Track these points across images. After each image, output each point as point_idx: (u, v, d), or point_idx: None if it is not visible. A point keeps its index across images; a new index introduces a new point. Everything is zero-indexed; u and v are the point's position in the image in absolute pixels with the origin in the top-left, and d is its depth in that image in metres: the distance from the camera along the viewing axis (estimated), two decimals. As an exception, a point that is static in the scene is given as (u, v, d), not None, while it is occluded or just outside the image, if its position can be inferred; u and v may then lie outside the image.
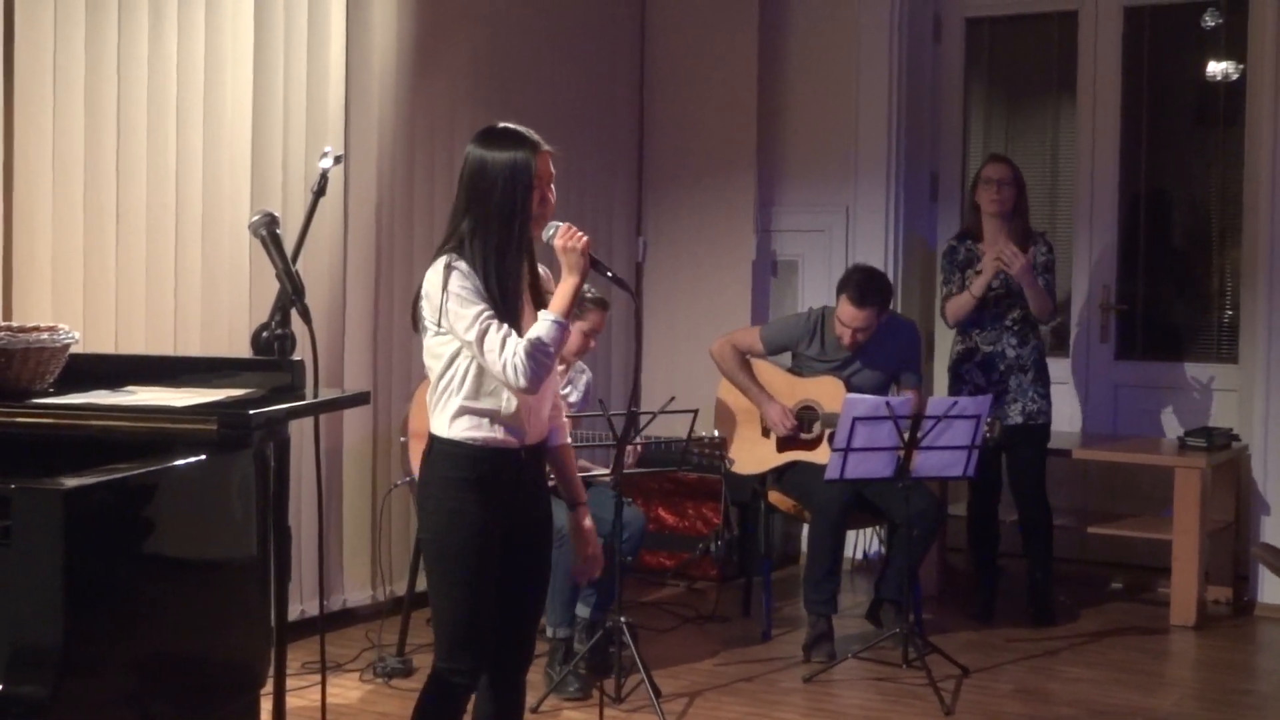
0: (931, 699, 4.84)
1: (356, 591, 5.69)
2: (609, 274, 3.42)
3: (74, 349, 3.31)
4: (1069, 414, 6.64)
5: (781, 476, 5.69)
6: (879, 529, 6.26)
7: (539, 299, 3.38)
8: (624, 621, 4.77)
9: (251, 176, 5.11)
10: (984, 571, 6.04)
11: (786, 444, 5.62)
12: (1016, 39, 7.18)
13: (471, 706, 3.47)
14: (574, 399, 5.28)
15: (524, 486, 3.38)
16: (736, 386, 5.69)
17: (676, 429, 5.15)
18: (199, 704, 3.00)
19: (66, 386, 3.23)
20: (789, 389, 5.63)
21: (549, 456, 3.51)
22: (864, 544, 6.88)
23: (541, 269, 3.50)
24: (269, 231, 3.52)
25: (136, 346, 4.74)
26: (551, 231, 3.32)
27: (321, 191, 3.82)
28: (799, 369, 5.73)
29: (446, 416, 3.29)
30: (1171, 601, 5.90)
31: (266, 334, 3.50)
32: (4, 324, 3.27)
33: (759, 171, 7.01)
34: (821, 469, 5.41)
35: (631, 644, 4.76)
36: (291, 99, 5.26)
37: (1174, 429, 6.35)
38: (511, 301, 3.25)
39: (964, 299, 5.87)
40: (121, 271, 4.75)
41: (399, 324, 5.69)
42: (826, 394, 5.55)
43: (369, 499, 5.67)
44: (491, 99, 6.06)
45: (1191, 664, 5.55)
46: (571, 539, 3.55)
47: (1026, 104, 7.21)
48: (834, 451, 5.04)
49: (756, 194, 7.01)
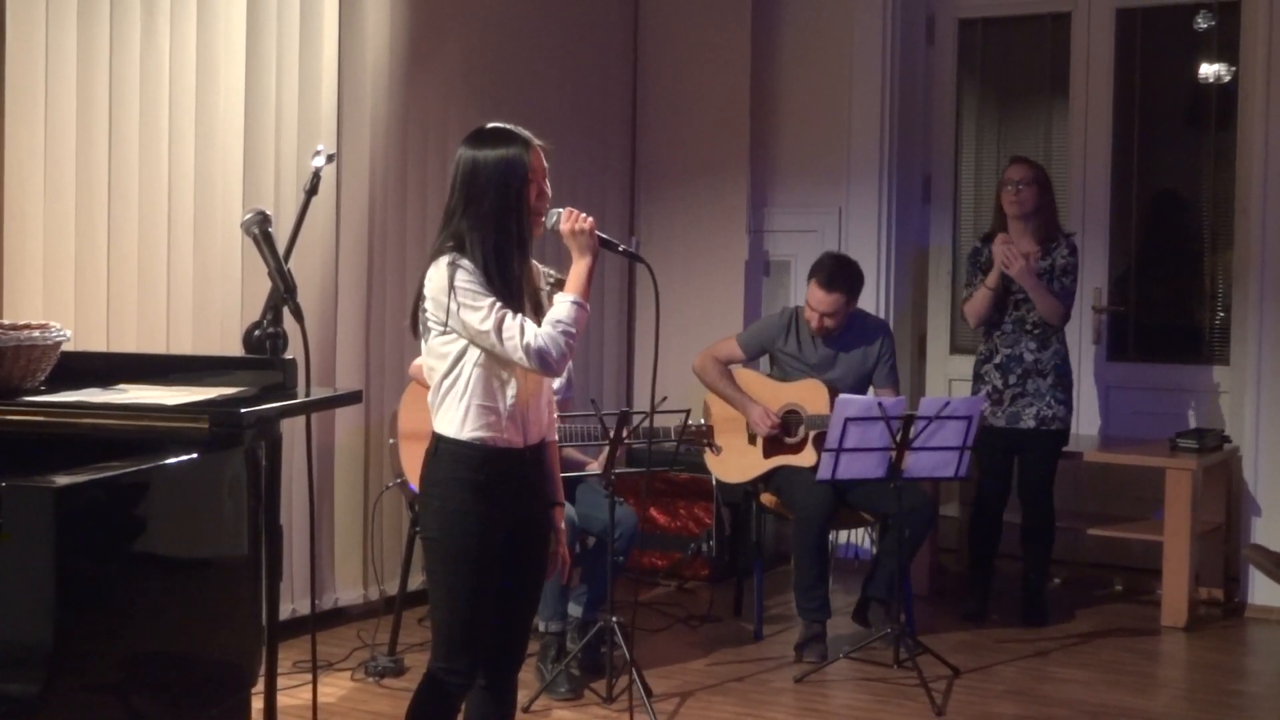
0: (923, 699, 4.84)
1: (348, 590, 5.69)
2: (620, 249, 3.46)
3: (65, 347, 3.30)
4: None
5: (769, 481, 5.69)
6: (870, 529, 6.26)
7: (535, 297, 3.38)
8: (615, 621, 4.77)
9: (244, 175, 5.11)
10: (979, 570, 6.05)
11: (772, 450, 5.62)
12: (1009, 40, 7.19)
13: (464, 706, 3.47)
14: (557, 384, 5.27)
15: (526, 487, 3.38)
16: (720, 397, 5.69)
17: (667, 428, 5.15)
18: (190, 703, 2.99)
19: (58, 384, 3.22)
20: (772, 394, 5.63)
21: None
22: (855, 543, 6.88)
23: (535, 265, 3.50)
24: (261, 230, 3.51)
25: (128, 345, 4.74)
26: (554, 219, 3.33)
27: (314, 190, 3.81)
28: (779, 370, 5.73)
29: (453, 417, 3.28)
30: (1162, 602, 5.91)
31: (258, 332, 3.49)
32: (-5, 322, 3.27)
33: (752, 172, 7.02)
34: (806, 472, 5.43)
35: (623, 644, 4.76)
36: (284, 97, 5.26)
37: (1165, 430, 6.36)
38: (516, 298, 3.25)
39: (979, 295, 5.87)
40: (113, 270, 4.74)
41: (391, 323, 5.69)
42: (809, 397, 5.56)
43: (361, 498, 5.67)
44: (484, 98, 6.06)
45: (1182, 665, 5.56)
46: None
47: (1019, 105, 7.22)
48: (826, 452, 5.04)
49: (749, 194, 7.01)
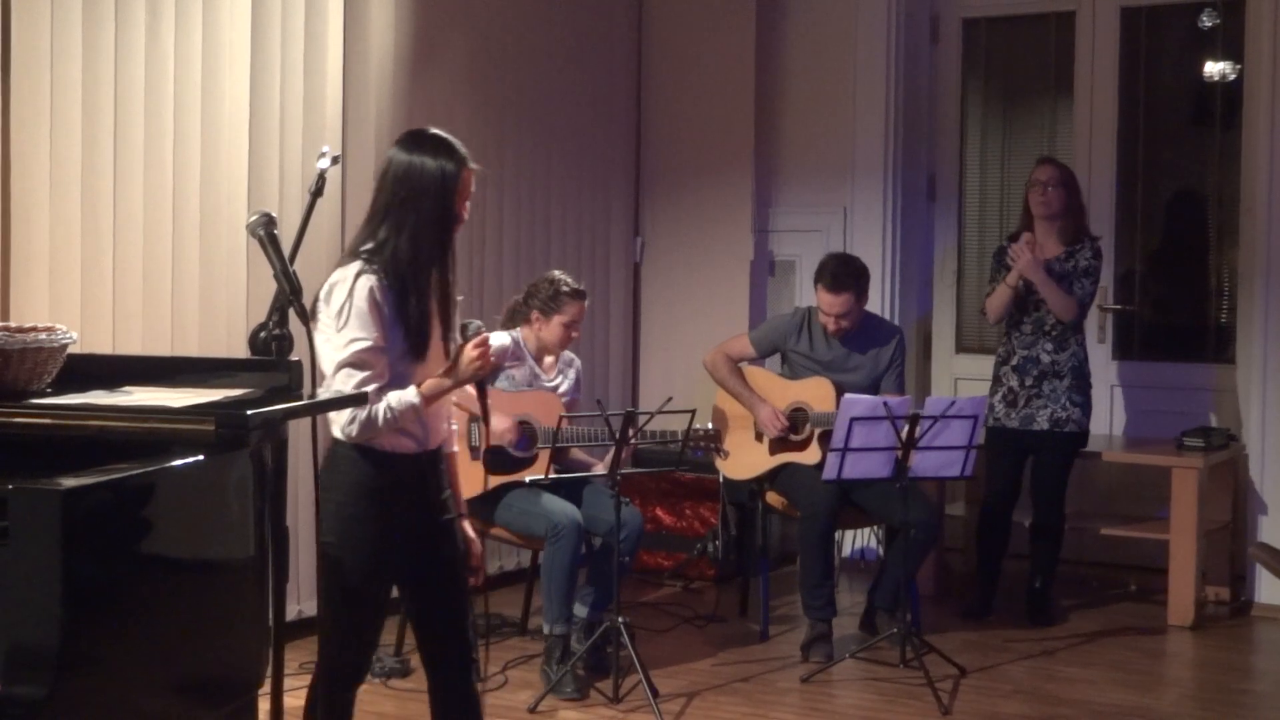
0: (929, 699, 4.84)
1: (354, 592, 5.68)
2: (483, 407, 3.43)
3: (71, 349, 3.30)
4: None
5: (775, 478, 5.69)
6: (876, 530, 6.25)
7: (448, 308, 3.37)
8: (621, 622, 4.77)
9: (249, 177, 5.11)
10: (986, 568, 6.04)
11: (778, 447, 5.62)
12: (1013, 39, 7.19)
13: (429, 707, 3.52)
14: (564, 388, 5.29)
15: (425, 491, 3.41)
16: (730, 393, 5.70)
17: (673, 429, 5.15)
18: (196, 704, 2.99)
19: (64, 387, 3.22)
20: (780, 392, 5.64)
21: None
22: (861, 543, 6.88)
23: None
24: (266, 232, 3.51)
25: (134, 347, 4.74)
26: (472, 329, 3.32)
27: (319, 192, 3.81)
28: (790, 369, 5.73)
29: (346, 421, 3.29)
30: (1169, 601, 5.90)
31: (264, 334, 3.49)
32: (1, 324, 3.27)
33: (756, 172, 7.02)
34: (811, 470, 5.43)
35: (629, 644, 4.76)
36: (289, 99, 5.26)
37: (1171, 429, 6.35)
38: (424, 315, 3.27)
39: (1000, 292, 5.88)
40: (119, 272, 4.75)
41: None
42: (816, 395, 5.56)
43: (366, 499, 5.66)
44: (489, 99, 6.06)
45: (1189, 664, 5.56)
46: None
47: (1024, 104, 7.21)
48: (831, 451, 5.04)
49: (754, 194, 7.01)
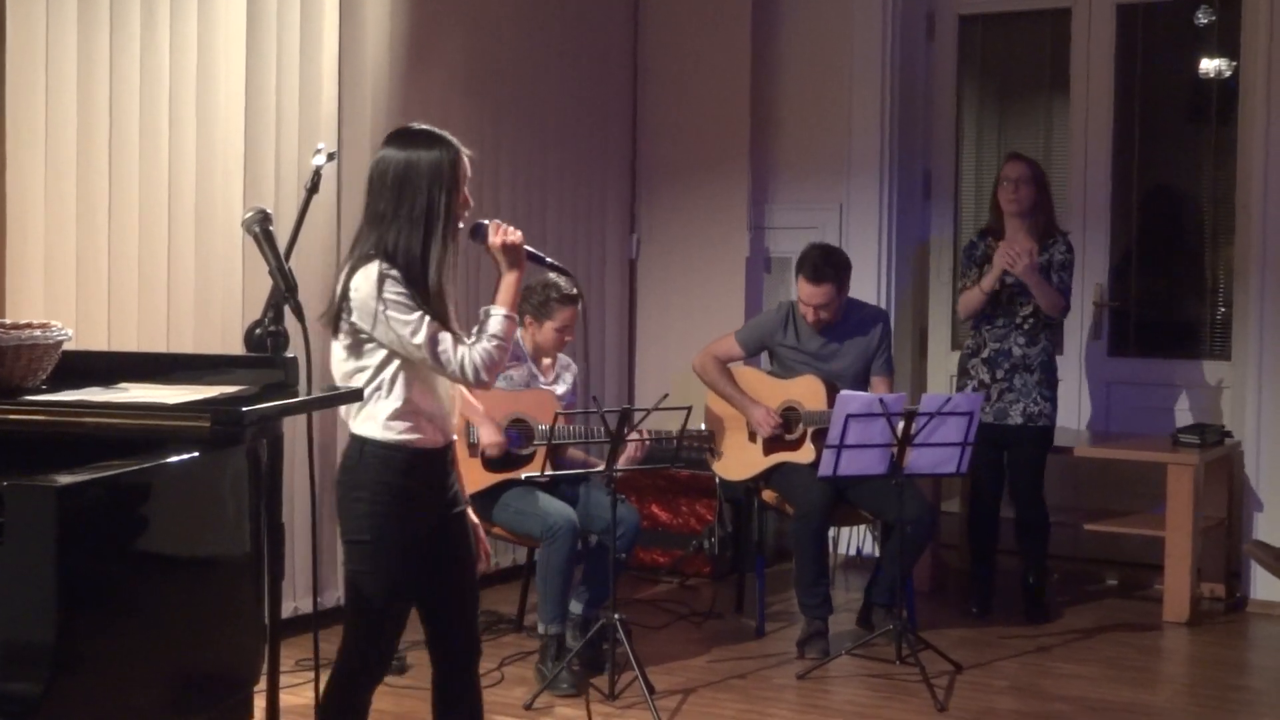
0: (925, 695, 4.84)
1: (350, 589, 5.68)
2: (548, 262, 3.51)
3: (67, 346, 3.30)
4: (1062, 411, 6.63)
5: (770, 477, 5.69)
6: (871, 526, 6.25)
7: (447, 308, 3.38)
8: (617, 618, 4.77)
9: (244, 173, 5.11)
10: (981, 566, 6.05)
11: (772, 447, 5.62)
12: (1009, 36, 7.19)
13: (431, 698, 3.53)
14: (561, 390, 5.29)
15: (445, 485, 3.43)
16: (721, 396, 5.69)
17: (669, 426, 5.15)
18: (192, 701, 2.99)
19: (59, 384, 3.22)
20: (771, 392, 5.63)
21: None
22: (856, 540, 6.88)
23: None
24: (262, 229, 3.51)
25: (129, 344, 4.74)
26: (482, 231, 3.34)
27: (314, 188, 3.81)
28: (778, 365, 5.73)
29: (380, 419, 3.31)
30: (1164, 598, 5.91)
31: (259, 331, 3.49)
32: (-4, 321, 3.27)
33: (752, 168, 7.02)
34: (806, 469, 5.43)
35: (625, 641, 4.76)
36: (284, 95, 5.26)
37: (1167, 426, 6.36)
38: (439, 305, 3.27)
39: (974, 293, 5.88)
40: (114, 269, 4.74)
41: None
42: (808, 394, 5.56)
43: (362, 496, 5.65)
44: (484, 96, 6.06)
45: (1184, 660, 5.56)
46: None
47: (1019, 101, 7.21)
48: (827, 449, 5.04)
49: (750, 191, 7.01)
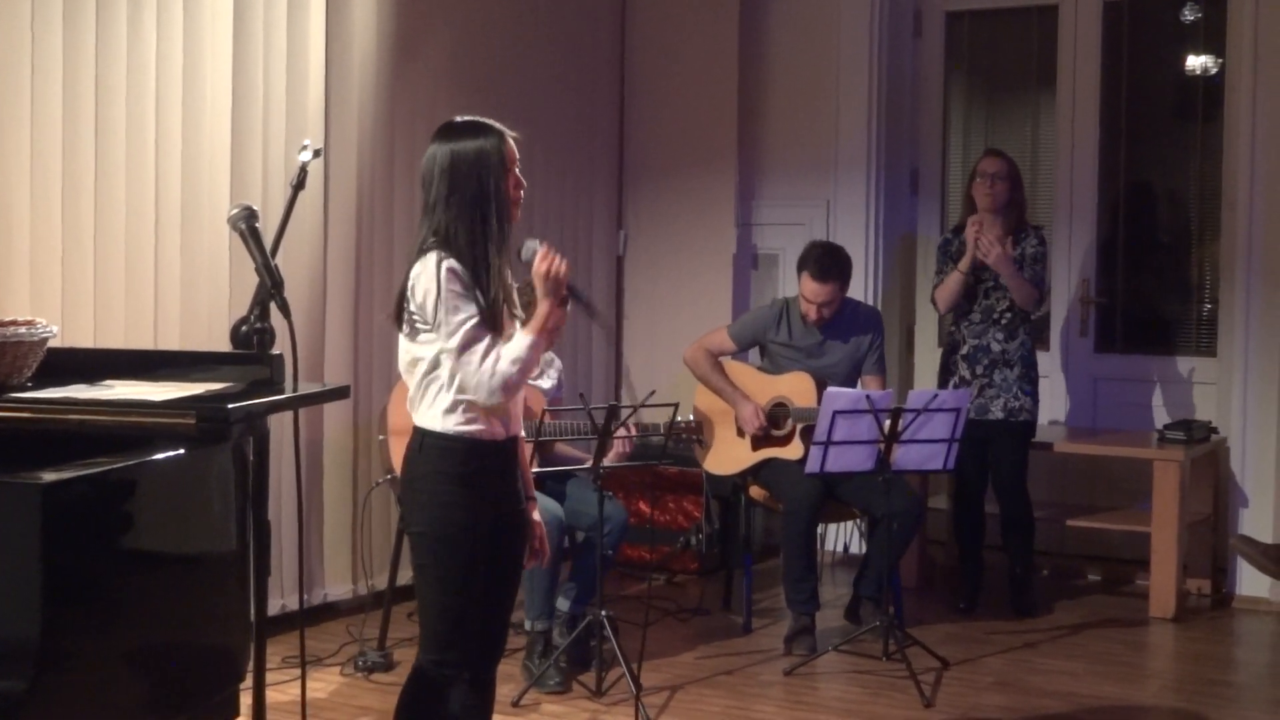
0: (912, 691, 4.85)
1: (337, 585, 5.68)
2: (584, 299, 3.42)
3: (52, 343, 3.30)
4: (1048, 407, 6.65)
5: (758, 474, 5.69)
6: (859, 523, 6.26)
7: (509, 290, 3.39)
8: (604, 615, 4.77)
9: (231, 170, 5.09)
10: (968, 563, 6.06)
11: (760, 442, 5.62)
12: (996, 33, 7.20)
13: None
14: (546, 385, 5.29)
15: (508, 479, 3.40)
16: (711, 389, 5.69)
17: (656, 421, 5.16)
18: (178, 698, 2.99)
19: (44, 381, 3.22)
20: (761, 387, 5.63)
21: None
22: (844, 537, 6.89)
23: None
24: (248, 225, 3.51)
25: (115, 340, 4.72)
26: (531, 252, 3.33)
27: (301, 185, 3.82)
28: (769, 360, 5.73)
29: (438, 410, 3.29)
30: (1150, 594, 5.92)
31: (246, 328, 3.50)
32: (-19, 318, 3.26)
33: (739, 165, 7.02)
34: (794, 465, 5.43)
35: (612, 637, 4.77)
36: (271, 92, 5.25)
37: (1153, 422, 6.37)
38: (496, 291, 3.27)
39: (952, 277, 5.89)
40: (100, 266, 4.73)
41: (379, 318, 5.68)
42: (797, 390, 5.56)
43: (349, 492, 5.66)
44: (472, 92, 6.05)
45: (1170, 656, 5.58)
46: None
47: (1006, 98, 7.22)
48: (814, 445, 5.04)
49: (737, 187, 7.01)
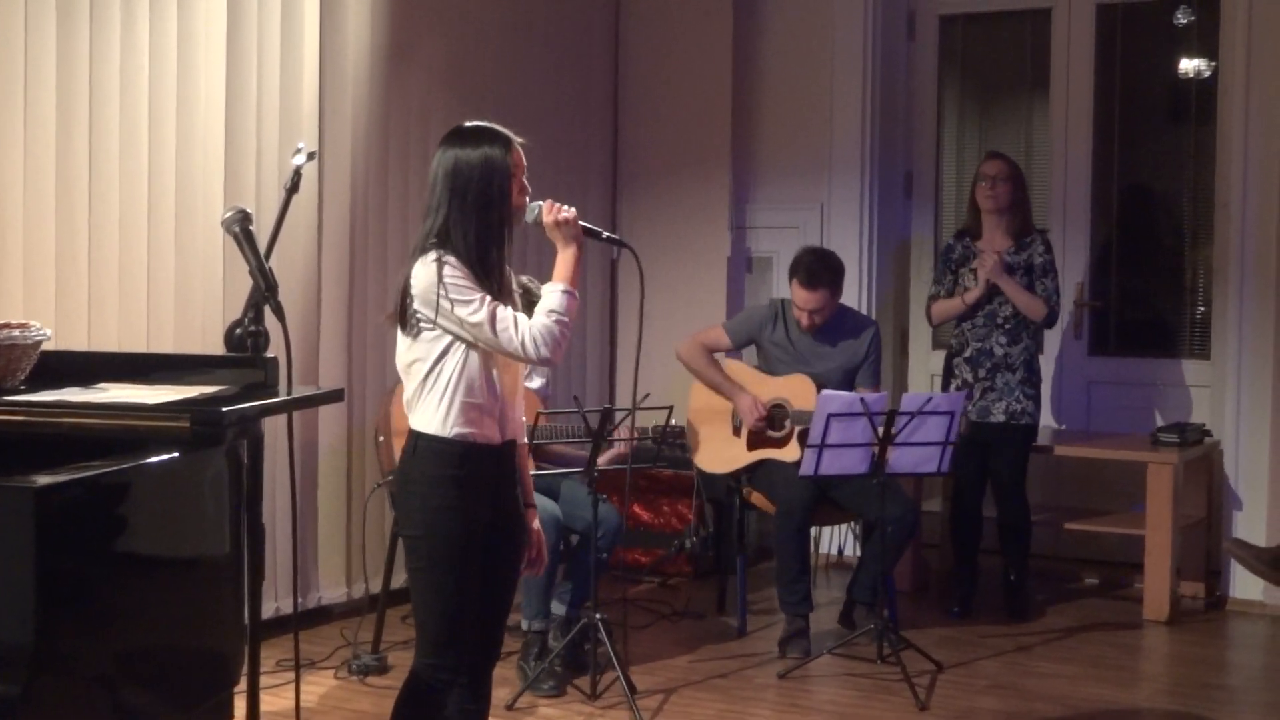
0: (906, 694, 4.85)
1: (331, 589, 5.68)
2: (604, 236, 3.53)
3: (46, 346, 3.29)
4: (1042, 410, 6.66)
5: (753, 475, 5.69)
6: (854, 525, 6.26)
7: (511, 294, 3.41)
8: (599, 618, 4.77)
9: (224, 173, 5.09)
10: (963, 566, 6.06)
11: (756, 442, 5.62)
12: (990, 36, 7.21)
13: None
14: (535, 385, 5.27)
15: (504, 483, 3.40)
16: (707, 384, 5.68)
17: (649, 425, 5.16)
18: (172, 702, 2.99)
19: (38, 384, 3.21)
20: (760, 387, 5.63)
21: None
22: (838, 540, 6.89)
23: (526, 278, 3.52)
24: (242, 228, 3.51)
25: (109, 344, 4.72)
26: (535, 212, 3.38)
27: (295, 188, 3.81)
28: (764, 360, 5.72)
29: (434, 413, 3.29)
30: (1144, 597, 5.93)
31: (240, 331, 3.49)
32: (-25, 321, 3.25)
33: (733, 168, 7.02)
34: (789, 466, 5.43)
35: (606, 640, 4.76)
36: (265, 95, 5.24)
37: (1147, 425, 6.38)
38: (499, 291, 3.29)
39: (954, 304, 5.90)
40: (94, 268, 4.72)
41: (373, 320, 5.68)
42: (796, 392, 5.55)
43: (344, 496, 5.65)
44: (466, 96, 6.05)
45: (1164, 659, 5.58)
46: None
47: (1000, 101, 7.23)
48: (808, 448, 5.04)
49: (731, 190, 7.01)
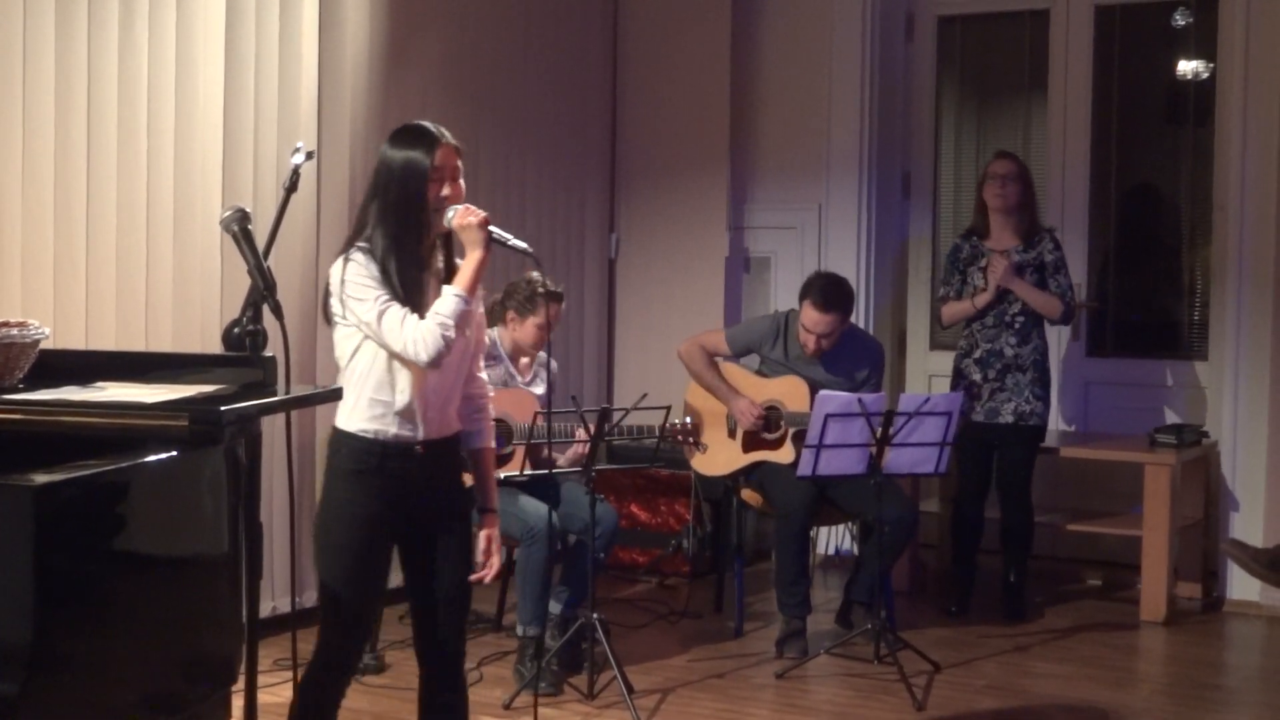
0: (903, 695, 4.85)
1: (328, 588, 5.67)
2: (510, 244, 3.47)
3: (44, 345, 3.29)
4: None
5: (750, 476, 5.68)
6: (851, 526, 6.26)
7: (437, 290, 3.43)
8: (596, 618, 4.77)
9: (223, 172, 5.09)
10: (962, 566, 6.06)
11: (752, 444, 5.61)
12: (988, 37, 7.21)
13: (418, 696, 3.54)
14: (539, 391, 5.27)
15: (425, 483, 3.43)
16: (704, 386, 5.68)
17: (649, 424, 5.15)
18: (170, 701, 2.98)
19: (36, 382, 3.20)
20: (754, 389, 5.63)
21: (469, 456, 3.58)
22: (836, 540, 6.90)
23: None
24: (240, 227, 3.50)
25: (107, 342, 4.72)
26: (451, 214, 3.40)
27: (293, 187, 3.80)
28: (764, 371, 5.72)
29: (346, 409, 3.41)
30: (1141, 597, 5.93)
31: (238, 330, 3.48)
32: (-27, 320, 3.25)
33: (732, 168, 7.02)
34: (785, 469, 5.43)
35: (604, 640, 4.76)
36: (263, 94, 5.24)
37: (1144, 425, 6.38)
38: (411, 290, 3.34)
39: (964, 307, 5.92)
40: (92, 267, 4.72)
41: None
42: (790, 394, 5.55)
43: (341, 495, 5.64)
44: (464, 95, 6.05)
45: (1161, 659, 5.59)
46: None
47: (998, 102, 7.24)
48: (806, 448, 5.04)
49: (729, 191, 7.02)
